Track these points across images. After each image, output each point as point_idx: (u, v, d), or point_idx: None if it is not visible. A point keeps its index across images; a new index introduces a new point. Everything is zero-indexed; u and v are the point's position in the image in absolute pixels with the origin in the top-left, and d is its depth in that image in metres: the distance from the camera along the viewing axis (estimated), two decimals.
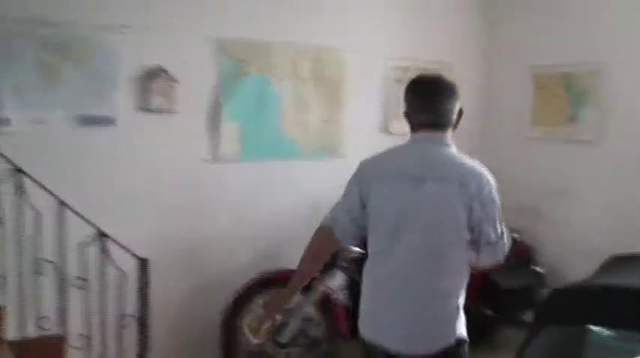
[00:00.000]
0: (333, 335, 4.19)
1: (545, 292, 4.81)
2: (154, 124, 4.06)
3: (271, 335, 4.10)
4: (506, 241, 2.57)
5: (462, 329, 2.55)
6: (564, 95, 5.07)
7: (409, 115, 2.65)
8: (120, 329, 3.30)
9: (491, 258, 2.56)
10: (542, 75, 5.22)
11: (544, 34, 5.21)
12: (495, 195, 2.48)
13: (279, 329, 4.10)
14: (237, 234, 4.48)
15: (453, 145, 2.58)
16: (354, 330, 4.15)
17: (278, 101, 4.53)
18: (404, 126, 4.83)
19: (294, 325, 4.08)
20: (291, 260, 4.45)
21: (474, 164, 2.52)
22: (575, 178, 5.00)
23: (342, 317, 4.17)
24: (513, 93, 5.44)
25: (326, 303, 4.16)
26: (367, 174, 2.63)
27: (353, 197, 2.64)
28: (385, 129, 5.06)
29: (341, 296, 4.24)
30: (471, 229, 2.44)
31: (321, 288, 4.10)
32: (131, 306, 3.31)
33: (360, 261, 4.15)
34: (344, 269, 4.21)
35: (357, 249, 4.13)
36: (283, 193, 4.64)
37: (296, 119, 4.62)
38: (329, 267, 4.15)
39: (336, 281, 4.22)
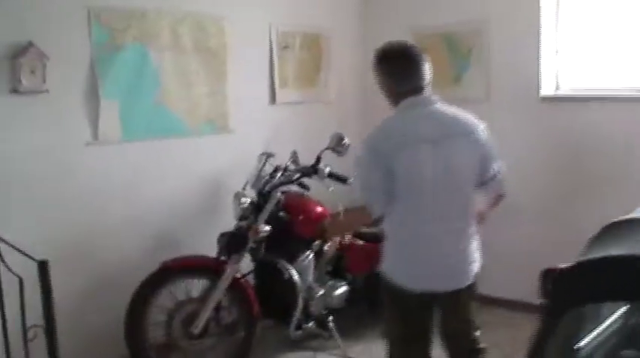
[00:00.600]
0: (246, 319, 3.92)
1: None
2: (25, 107, 3.56)
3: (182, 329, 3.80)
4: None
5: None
6: (447, 56, 5.06)
7: (389, 86, 2.88)
8: (25, 341, 2.84)
9: (497, 190, 2.93)
10: (423, 36, 5.17)
11: None
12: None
13: (189, 320, 3.78)
14: (129, 223, 4.07)
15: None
16: (266, 312, 3.99)
17: (158, 74, 4.13)
18: (292, 96, 4.68)
19: (204, 314, 3.77)
20: (193, 245, 4.16)
21: (467, 114, 2.89)
22: None
23: (254, 299, 3.92)
24: None
25: (236, 287, 3.88)
26: (383, 149, 2.74)
27: (378, 174, 2.75)
28: (273, 100, 4.81)
29: (250, 279, 4.00)
30: (483, 171, 2.82)
31: (230, 273, 3.81)
32: (34, 315, 2.86)
33: (268, 239, 3.95)
34: (252, 251, 3.95)
35: (266, 227, 3.90)
36: (174, 174, 4.28)
37: (179, 93, 4.25)
38: (237, 249, 3.88)
39: (244, 265, 3.97)
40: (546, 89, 4.68)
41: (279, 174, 4.17)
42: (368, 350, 4.28)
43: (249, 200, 4.03)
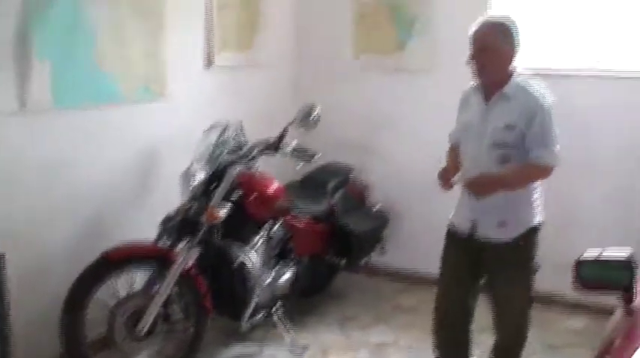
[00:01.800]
0: (197, 314, 3.51)
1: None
2: None
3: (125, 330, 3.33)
4: None
5: None
6: (390, 22, 4.79)
7: (514, 56, 2.99)
8: None
9: None
10: (364, 1, 4.87)
11: None
12: None
13: (134, 319, 3.32)
14: (61, 206, 3.50)
15: None
16: (218, 305, 3.60)
17: (93, 32, 3.55)
18: (230, 59, 4.27)
19: (152, 312, 3.32)
20: (135, 229, 3.66)
21: None
22: (405, 108, 4.79)
23: (206, 292, 3.51)
24: (333, 21, 5.01)
25: (186, 279, 3.45)
26: None
27: None
28: (210, 63, 4.32)
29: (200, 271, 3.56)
30: None
31: (181, 263, 3.38)
32: None
33: (224, 225, 3.55)
34: (201, 240, 3.51)
35: (224, 211, 3.48)
36: (109, 148, 3.73)
37: (115, 54, 3.68)
38: (188, 235, 3.44)
39: (194, 255, 3.51)
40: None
41: (225, 149, 3.73)
42: (317, 337, 4.07)
43: (199, 179, 3.58)
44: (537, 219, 3.09)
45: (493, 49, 2.92)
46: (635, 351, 1.81)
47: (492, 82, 2.99)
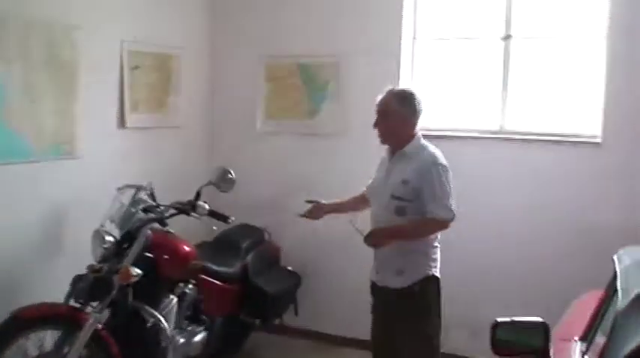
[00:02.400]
0: None
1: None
2: None
3: None
4: None
5: None
6: (302, 87, 4.94)
7: (412, 123, 3.34)
8: None
9: None
10: (276, 66, 5.01)
11: (274, 24, 5.00)
12: None
13: None
14: None
15: None
16: None
17: (2, 89, 3.51)
18: (142, 120, 4.30)
19: None
20: (45, 289, 3.55)
21: None
22: (318, 171, 4.90)
23: (117, 353, 3.42)
24: (246, 84, 5.12)
25: (98, 340, 3.36)
26: None
27: None
28: (122, 124, 4.32)
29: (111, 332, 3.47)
30: None
31: (92, 323, 3.30)
32: None
33: (135, 285, 3.49)
34: (113, 301, 3.44)
35: (137, 270, 3.43)
36: (16, 205, 3.64)
37: (25, 112, 3.65)
38: (100, 295, 3.38)
39: (105, 316, 3.45)
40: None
41: (139, 209, 3.71)
42: None
43: (112, 239, 3.53)
44: (433, 271, 3.34)
45: (392, 113, 3.30)
46: None
47: (395, 143, 3.37)
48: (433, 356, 3.35)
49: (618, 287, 1.76)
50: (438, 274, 3.36)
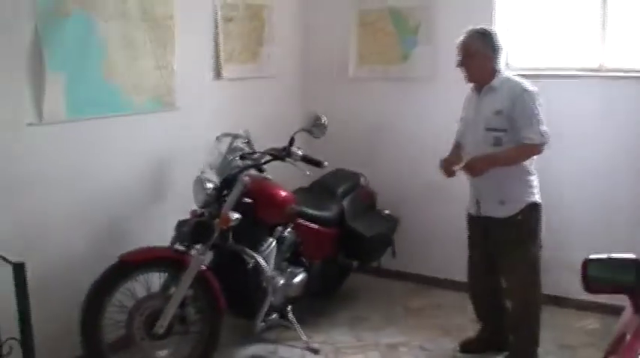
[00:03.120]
0: (212, 315, 3.61)
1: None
2: None
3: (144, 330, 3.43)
4: None
5: None
6: (393, 31, 4.91)
7: (496, 59, 3.54)
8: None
9: None
10: (367, 11, 4.99)
11: None
12: None
13: (151, 319, 3.43)
14: (74, 213, 3.62)
15: None
16: (232, 307, 3.70)
17: (104, 45, 3.69)
18: (237, 71, 4.41)
19: (169, 312, 3.42)
20: (150, 234, 3.78)
21: None
22: (410, 115, 4.90)
23: (220, 293, 3.61)
24: (337, 31, 5.13)
25: (201, 281, 3.56)
26: None
27: None
28: (218, 75, 4.46)
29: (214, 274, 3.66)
30: None
31: (195, 265, 3.48)
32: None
33: (235, 230, 3.64)
34: (215, 244, 3.61)
35: (236, 215, 3.58)
36: (120, 157, 3.86)
37: (125, 67, 3.82)
38: (202, 239, 3.55)
39: (208, 258, 3.65)
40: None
41: (236, 157, 3.85)
42: (330, 338, 4.15)
43: (212, 185, 3.70)
44: (534, 197, 3.55)
45: (475, 52, 3.51)
46: None
47: (481, 80, 3.55)
48: (537, 278, 3.59)
49: None
50: (538, 200, 3.57)
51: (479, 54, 3.51)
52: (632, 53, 4.31)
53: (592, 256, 2.27)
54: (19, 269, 2.39)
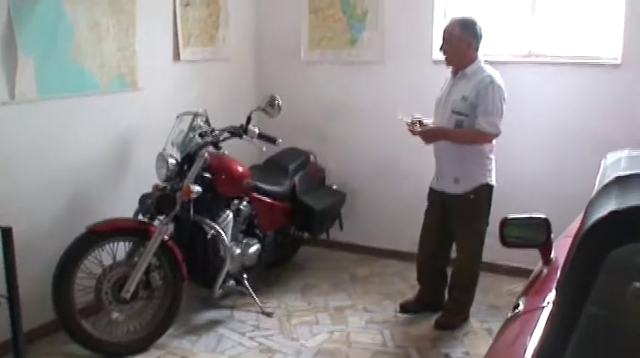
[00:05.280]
0: (174, 282, 3.90)
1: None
2: None
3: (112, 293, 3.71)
4: None
5: None
6: (342, 18, 5.20)
7: (475, 46, 3.89)
8: None
9: None
10: None
11: None
12: None
13: (119, 284, 3.71)
14: (43, 187, 3.85)
15: None
16: (192, 274, 4.00)
17: (71, 28, 3.91)
18: (194, 54, 4.64)
19: (135, 278, 3.70)
20: (112, 208, 4.04)
21: None
22: (358, 97, 5.23)
23: (182, 261, 3.90)
24: (289, 17, 5.40)
25: (164, 250, 3.84)
26: None
27: None
28: (177, 57, 4.71)
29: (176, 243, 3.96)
30: None
31: (159, 235, 3.77)
32: None
33: (195, 203, 3.93)
34: (177, 216, 3.91)
35: (197, 188, 3.87)
36: (87, 134, 4.09)
37: (91, 48, 4.05)
38: (165, 211, 3.84)
39: (171, 228, 3.95)
40: (439, 53, 4.96)
41: (197, 134, 4.12)
42: (282, 303, 4.46)
43: (174, 161, 3.97)
44: (488, 179, 3.94)
45: (455, 38, 3.85)
46: (550, 291, 2.15)
47: (457, 65, 3.91)
48: (481, 250, 4.02)
49: (596, 183, 2.05)
50: (492, 182, 3.97)
51: (457, 40, 3.84)
52: (559, 40, 4.69)
53: (509, 216, 2.66)
54: (7, 234, 2.64)
